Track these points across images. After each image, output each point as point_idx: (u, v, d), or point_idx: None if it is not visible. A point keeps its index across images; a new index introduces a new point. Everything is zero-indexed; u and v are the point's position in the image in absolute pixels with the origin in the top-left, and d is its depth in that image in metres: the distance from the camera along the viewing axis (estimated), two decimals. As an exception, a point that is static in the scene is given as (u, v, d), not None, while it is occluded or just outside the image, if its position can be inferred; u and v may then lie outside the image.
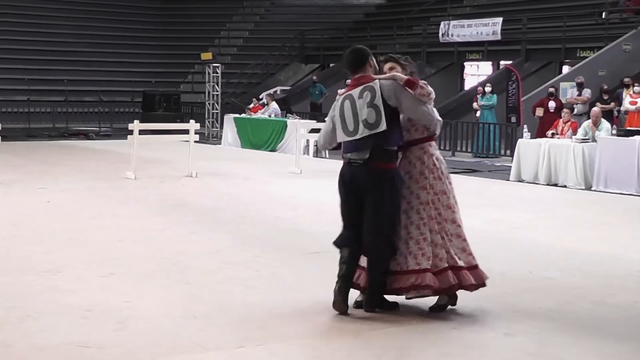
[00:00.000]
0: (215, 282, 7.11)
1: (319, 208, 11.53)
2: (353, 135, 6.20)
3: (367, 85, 6.21)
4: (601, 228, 10.52)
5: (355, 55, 6.43)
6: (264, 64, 34.38)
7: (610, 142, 14.87)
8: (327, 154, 20.67)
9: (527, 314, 6.31)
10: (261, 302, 6.51)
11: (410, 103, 6.19)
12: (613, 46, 23.19)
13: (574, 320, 6.20)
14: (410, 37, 32.11)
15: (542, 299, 6.75)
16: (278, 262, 7.98)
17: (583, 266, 8.07)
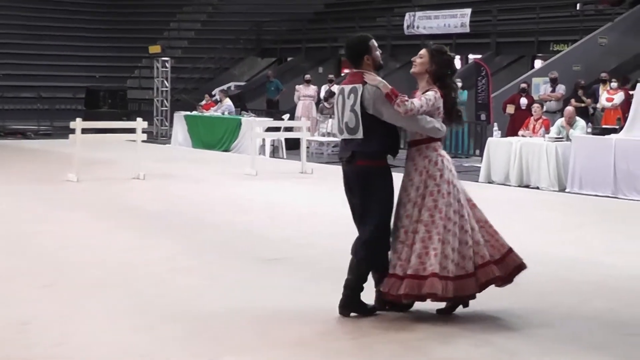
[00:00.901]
0: (165, 292, 7.10)
1: (277, 212, 11.55)
2: (340, 133, 6.52)
3: (354, 87, 6.40)
4: (575, 231, 10.66)
5: (349, 51, 6.58)
6: (217, 57, 34.28)
7: (585, 141, 15.04)
8: (285, 153, 20.69)
9: (497, 323, 6.37)
10: (215, 312, 6.51)
11: (389, 115, 6.33)
12: (588, 39, 23.46)
13: (547, 329, 6.28)
14: (374, 29, 32.13)
15: (512, 307, 6.83)
16: (233, 270, 7.98)
17: (556, 272, 8.17)
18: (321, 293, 7.08)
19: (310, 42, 33.23)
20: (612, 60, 23.04)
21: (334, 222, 10.75)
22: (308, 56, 33.22)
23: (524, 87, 20.96)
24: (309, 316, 6.43)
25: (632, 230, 10.85)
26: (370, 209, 6.38)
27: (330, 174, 16.65)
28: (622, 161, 14.19)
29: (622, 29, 23.51)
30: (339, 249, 8.99)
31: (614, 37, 23.33)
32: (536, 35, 25.72)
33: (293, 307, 6.67)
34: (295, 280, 7.53)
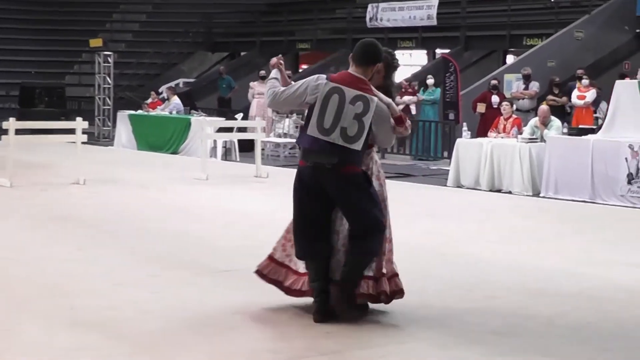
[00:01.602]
0: (106, 307, 7.03)
1: (229, 220, 11.51)
2: (326, 134, 6.50)
3: (364, 96, 6.53)
4: (550, 240, 10.72)
5: (372, 51, 6.76)
6: (164, 52, 34.18)
7: (561, 142, 15.16)
8: (238, 156, 20.65)
9: (466, 339, 6.38)
10: (161, 329, 6.46)
11: (386, 134, 6.78)
12: (564, 33, 23.68)
13: (520, 344, 6.29)
14: (334, 21, 32.30)
15: (484, 322, 6.84)
16: (180, 283, 7.93)
17: (530, 283, 8.21)
18: (276, 307, 7.05)
19: (265, 36, 33.24)
20: (589, 55, 23.29)
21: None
22: (263, 51, 33.21)
23: (495, 84, 21.10)
24: (263, 332, 6.40)
25: (611, 238, 10.93)
26: (365, 207, 6.62)
27: (287, 178, 16.57)
28: (600, 163, 14.32)
29: (600, 22, 23.77)
30: (296, 260, 9.00)
31: (591, 31, 23.58)
32: (508, 29, 25.91)
33: (246, 322, 6.64)
34: (249, 294, 7.49)
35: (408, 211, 12.41)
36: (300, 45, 32.94)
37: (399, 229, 10.83)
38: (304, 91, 6.66)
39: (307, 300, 7.23)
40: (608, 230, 11.66)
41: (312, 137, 6.55)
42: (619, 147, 14.17)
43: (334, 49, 31.03)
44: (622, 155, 14.06)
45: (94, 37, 29.91)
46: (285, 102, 6.81)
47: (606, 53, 23.96)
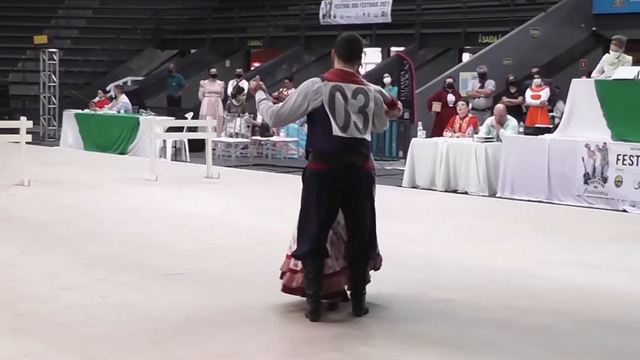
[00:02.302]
0: (52, 313, 6.96)
1: (179, 221, 11.45)
2: (344, 132, 6.81)
3: (362, 88, 6.91)
4: (507, 240, 10.78)
5: (356, 46, 7.08)
6: (112, 49, 33.97)
7: (517, 141, 15.27)
8: (188, 156, 20.58)
9: (422, 342, 6.40)
10: (109, 334, 6.41)
11: (383, 119, 7.09)
12: (520, 31, 23.86)
13: (477, 348, 6.32)
14: (286, 18, 32.31)
15: (440, 324, 6.86)
16: (129, 287, 7.87)
17: (487, 285, 8.25)
18: (229, 311, 7.03)
19: (215, 33, 33.18)
20: (545, 53, 23.48)
21: (243, 232, 10.73)
22: (213, 48, 33.15)
23: (450, 82, 21.21)
24: (214, 336, 6.37)
25: (568, 239, 11.02)
26: (369, 210, 6.99)
27: (238, 179, 16.62)
28: (556, 163, 14.44)
29: (556, 20, 23.98)
30: (248, 262, 9.00)
31: (547, 29, 23.78)
32: (463, 26, 26.07)
33: (197, 328, 6.60)
34: (200, 297, 7.46)
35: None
36: (251, 43, 32.90)
37: (354, 231, 10.87)
38: (304, 99, 6.87)
39: (257, 302, 7.23)
40: (565, 231, 11.75)
41: (336, 139, 6.79)
42: (575, 147, 14.30)
43: (287, 46, 31.04)
44: (578, 155, 14.19)
45: (38, 34, 29.67)
46: (288, 116, 7.06)
47: (563, 51, 24.18)
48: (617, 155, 13.84)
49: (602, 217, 13.09)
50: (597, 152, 14.04)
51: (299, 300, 7.27)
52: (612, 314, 7.33)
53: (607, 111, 14.36)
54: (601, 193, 13.99)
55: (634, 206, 13.61)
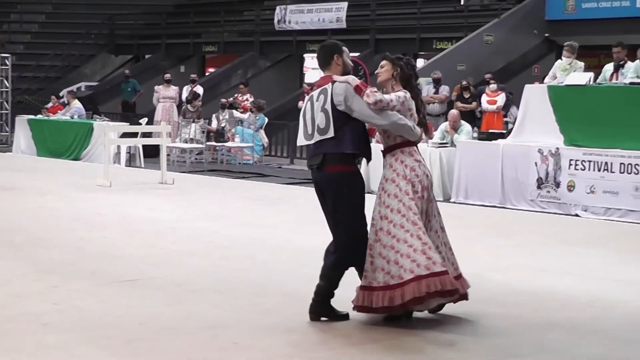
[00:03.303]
0: (4, 320, 6.92)
1: (134, 228, 11.41)
2: (310, 139, 7.02)
3: (323, 89, 6.97)
4: (460, 245, 10.80)
5: (320, 52, 7.21)
6: (65, 54, 33.72)
7: (471, 147, 15.37)
8: (142, 162, 20.51)
9: (382, 346, 6.43)
10: (62, 342, 6.38)
11: (359, 109, 6.87)
12: (473, 37, 24.00)
13: (435, 351, 6.36)
14: (241, 23, 32.24)
15: (395, 328, 6.91)
16: (82, 293, 7.84)
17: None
18: (184, 317, 7.03)
19: (170, 38, 33.06)
20: (499, 59, 23.63)
21: (197, 238, 10.72)
22: (168, 53, 33.03)
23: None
24: (170, 343, 6.36)
25: (520, 243, 11.11)
26: (343, 215, 6.94)
27: (193, 184, 16.59)
28: (510, 168, 14.56)
29: (509, 26, 24.14)
30: (202, 268, 9.00)
31: (500, 35, 23.93)
32: (418, 32, 26.17)
33: (152, 334, 6.59)
34: (154, 304, 7.44)
35: (316, 217, 12.44)
36: (206, 48, 32.82)
37: (308, 236, 10.91)
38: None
39: (211, 308, 7.24)
40: (518, 235, 11.85)
41: (306, 147, 7.16)
42: (528, 152, 14.42)
43: (242, 51, 30.99)
44: (531, 160, 14.32)
45: (-10, 39, 29.35)
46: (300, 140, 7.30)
47: (516, 57, 24.35)
48: (570, 160, 13.98)
49: (555, 222, 13.20)
50: (550, 157, 14.17)
51: (251, 306, 7.31)
52: (563, 317, 7.41)
53: (560, 116, 14.50)
54: (554, 198, 14.12)
55: (586, 210, 13.75)
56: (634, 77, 14.35)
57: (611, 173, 13.56)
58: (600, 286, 8.65)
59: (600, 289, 8.51)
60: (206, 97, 25.89)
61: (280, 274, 8.83)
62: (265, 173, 19.85)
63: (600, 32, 22.15)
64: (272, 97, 26.71)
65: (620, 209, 13.44)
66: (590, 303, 7.96)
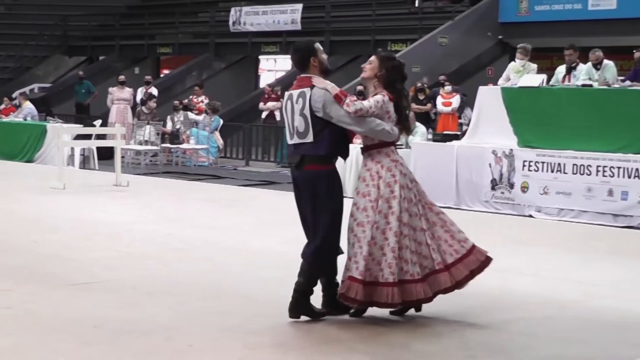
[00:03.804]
0: (-44, 324, 6.84)
1: (88, 230, 11.33)
2: (290, 139, 7.12)
3: (302, 91, 7.06)
4: (416, 246, 10.88)
5: (296, 55, 7.29)
6: (18, 55, 33.42)
7: (426, 148, 15.44)
8: (97, 164, 20.38)
9: (337, 347, 6.43)
10: (14, 346, 6.31)
11: (337, 116, 6.98)
12: (428, 39, 24.12)
13: (382, 353, 6.38)
14: (196, 25, 32.16)
15: (351, 330, 6.92)
16: (34, 297, 7.76)
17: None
18: (139, 320, 6.98)
19: (124, 39, 32.89)
20: (453, 61, 23.76)
21: (152, 240, 10.67)
22: (122, 55, 32.86)
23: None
24: (125, 346, 6.32)
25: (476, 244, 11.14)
26: (321, 214, 6.99)
27: (148, 186, 16.51)
28: (464, 170, 14.64)
29: (463, 28, 24.29)
30: (157, 270, 8.96)
31: (454, 37, 24.07)
32: (373, 34, 26.24)
33: (106, 337, 6.54)
34: (108, 306, 7.39)
35: (271, 219, 12.46)
36: (161, 50, 32.70)
37: (264, 237, 10.90)
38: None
39: (166, 310, 7.20)
40: (472, 237, 11.86)
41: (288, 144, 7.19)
42: (482, 153, 14.51)
43: (197, 53, 30.90)
44: (486, 161, 14.41)
45: (-59, 40, 29.02)
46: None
47: (470, 59, 24.50)
48: (523, 161, 14.09)
49: (509, 223, 13.30)
50: (503, 158, 14.27)
51: (207, 308, 7.29)
52: (517, 318, 7.46)
53: (514, 118, 14.61)
54: (508, 199, 14.22)
55: (539, 211, 13.86)
56: (586, 79, 14.49)
57: (564, 174, 13.68)
58: (554, 286, 8.73)
59: (554, 289, 8.58)
60: (161, 98, 25.78)
61: (236, 276, 8.81)
62: (221, 175, 19.80)
63: (553, 35, 22.36)
64: (227, 99, 26.67)
65: (573, 209, 13.57)
66: (544, 303, 8.02)
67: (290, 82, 7.69)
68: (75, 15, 34.40)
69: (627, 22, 21.67)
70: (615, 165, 13.21)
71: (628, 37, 21.04)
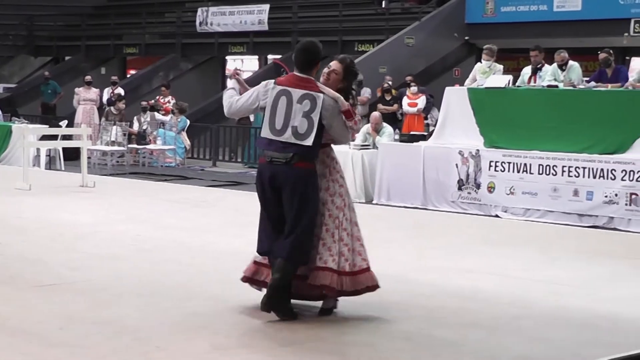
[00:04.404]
0: None
1: (54, 232, 11.25)
2: (278, 135, 7.07)
3: (310, 94, 7.07)
4: (383, 246, 10.86)
5: (304, 54, 7.25)
6: (-17, 56, 33.19)
7: (393, 148, 15.46)
8: (63, 165, 20.26)
9: (303, 348, 6.43)
10: (-20, 348, 6.26)
11: (338, 129, 7.17)
12: (395, 40, 24.16)
13: (357, 351, 6.37)
14: (162, 25, 32.05)
15: (317, 331, 6.91)
16: (1, 299, 7.68)
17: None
18: (105, 321, 6.93)
19: (90, 40, 32.72)
20: (420, 62, 23.82)
21: (119, 241, 10.61)
22: (88, 55, 32.68)
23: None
24: (92, 348, 6.28)
25: (442, 244, 11.19)
26: (304, 210, 7.04)
27: (114, 187, 16.43)
28: (431, 170, 14.68)
29: (430, 29, 24.35)
30: (124, 272, 8.90)
31: (421, 38, 24.12)
32: (339, 35, 26.25)
33: (73, 339, 6.50)
34: (75, 308, 7.34)
35: (239, 220, 12.42)
36: (127, 50, 32.55)
37: (231, 238, 10.87)
38: (256, 98, 7.27)
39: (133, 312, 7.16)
40: (440, 237, 11.94)
41: (267, 139, 7.09)
42: (449, 154, 14.55)
43: (163, 53, 30.79)
44: (452, 162, 14.45)
45: None
46: (239, 110, 7.47)
47: (437, 60, 24.56)
48: (490, 161, 14.15)
49: (476, 223, 13.34)
50: (470, 158, 14.32)
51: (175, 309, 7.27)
52: (485, 317, 7.48)
53: (480, 119, 14.66)
54: (474, 199, 14.27)
55: (506, 211, 13.92)
56: (552, 80, 14.57)
57: (530, 174, 13.76)
58: (521, 286, 8.76)
59: (521, 289, 8.62)
60: (127, 99, 25.67)
61: (204, 277, 8.77)
62: (188, 176, 19.75)
63: (519, 36, 22.47)
64: (194, 100, 26.60)
65: (539, 209, 13.64)
66: (511, 303, 8.05)
67: (258, 82, 7.68)
68: (41, 15, 34.17)
69: (592, 24, 21.83)
70: (581, 166, 13.30)
71: (593, 38, 21.20)
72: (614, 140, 13.38)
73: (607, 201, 13.02)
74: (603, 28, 21.45)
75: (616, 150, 13.29)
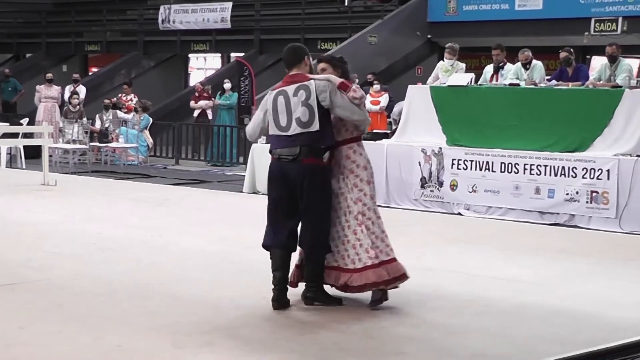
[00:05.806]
0: None
1: (14, 230, 11.19)
2: (285, 131, 7.40)
3: (302, 84, 7.41)
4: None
5: (291, 52, 7.72)
6: (-58, 53, 32.88)
7: (355, 146, 15.45)
8: (24, 163, 20.14)
9: (264, 346, 6.43)
10: (-62, 349, 6.21)
11: (342, 104, 7.39)
12: (357, 38, 24.21)
13: (320, 351, 6.39)
14: (124, 23, 31.91)
15: (279, 329, 6.91)
16: (-40, 299, 7.65)
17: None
18: (66, 321, 6.91)
19: (51, 37, 32.52)
20: (382, 60, 23.89)
21: (80, 240, 10.56)
22: (49, 52, 32.49)
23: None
24: (52, 348, 6.25)
25: (404, 243, 11.16)
26: (318, 204, 7.37)
27: (76, 186, 16.33)
28: (394, 168, 14.71)
29: (392, 27, 24.43)
30: (84, 271, 8.87)
31: (384, 36, 24.19)
32: (302, 33, 26.26)
33: (32, 339, 6.46)
34: (35, 308, 7.30)
35: (202, 218, 12.40)
36: (89, 47, 32.38)
37: (193, 237, 10.85)
38: (261, 110, 7.63)
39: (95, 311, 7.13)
40: (402, 235, 11.93)
41: (276, 137, 7.44)
42: (412, 152, 14.60)
43: (125, 51, 30.67)
44: (415, 160, 14.50)
45: None
46: (254, 127, 7.74)
47: (399, 58, 24.65)
48: (452, 159, 14.20)
49: (438, 220, 13.39)
50: (433, 156, 14.37)
51: (136, 308, 7.25)
52: (446, 315, 7.51)
53: (442, 117, 14.72)
54: (437, 197, 14.33)
55: (468, 209, 13.99)
56: (514, 79, 14.66)
57: (492, 172, 13.83)
58: (483, 284, 8.81)
59: (483, 287, 8.66)
60: (89, 97, 25.55)
61: (165, 276, 8.74)
62: (150, 174, 19.67)
63: (481, 34, 22.60)
64: (156, 97, 26.51)
65: (501, 207, 13.72)
66: (473, 300, 8.08)
67: (220, 81, 7.77)
68: (1, 12, 33.91)
69: (553, 23, 21.99)
70: (542, 164, 13.38)
71: (554, 37, 21.37)
72: (575, 138, 13.48)
73: (568, 199, 13.12)
74: (564, 27, 21.62)
75: (577, 148, 13.39)
